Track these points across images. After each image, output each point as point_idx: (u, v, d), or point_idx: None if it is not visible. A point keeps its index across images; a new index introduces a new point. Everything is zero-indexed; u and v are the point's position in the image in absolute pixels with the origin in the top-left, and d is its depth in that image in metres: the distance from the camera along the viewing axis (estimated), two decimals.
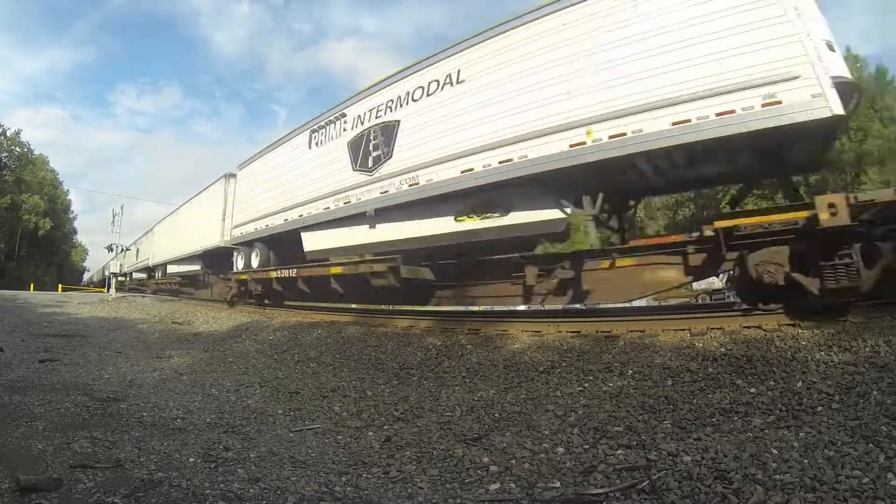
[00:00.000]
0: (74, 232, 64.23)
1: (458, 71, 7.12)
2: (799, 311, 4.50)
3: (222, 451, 3.05)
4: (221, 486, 2.48)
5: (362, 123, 8.79)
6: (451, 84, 7.21)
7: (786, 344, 4.03)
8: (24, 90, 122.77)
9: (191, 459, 2.87)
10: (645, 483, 2.42)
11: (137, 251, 25.97)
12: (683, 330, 4.88)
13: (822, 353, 3.75)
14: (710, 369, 3.93)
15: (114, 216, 23.47)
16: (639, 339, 4.93)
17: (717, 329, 4.71)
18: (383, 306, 10.35)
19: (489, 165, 6.54)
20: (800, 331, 4.22)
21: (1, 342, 7.03)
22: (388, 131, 8.16)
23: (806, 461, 2.43)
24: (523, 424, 3.53)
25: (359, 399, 4.55)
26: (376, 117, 8.48)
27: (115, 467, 2.66)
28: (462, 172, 6.81)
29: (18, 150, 48.79)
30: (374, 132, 8.46)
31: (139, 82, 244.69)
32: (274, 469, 2.81)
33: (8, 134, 47.19)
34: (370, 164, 8.43)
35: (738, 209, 6.06)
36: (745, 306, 5.15)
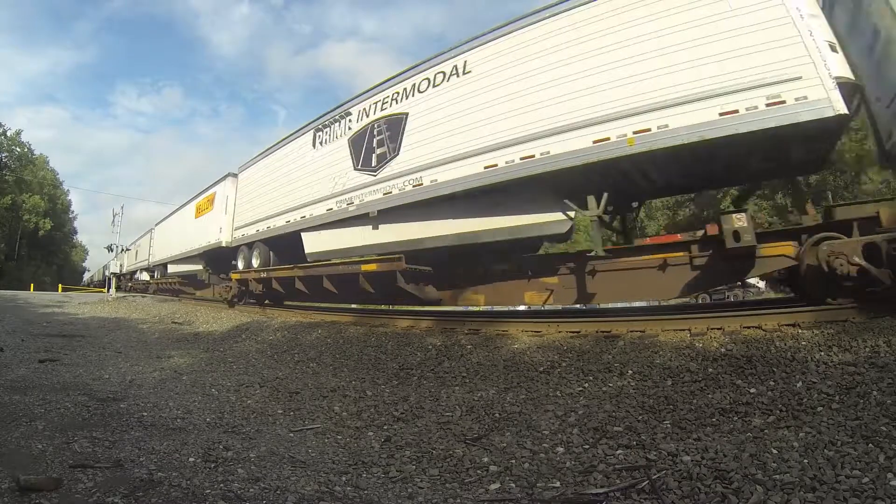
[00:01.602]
0: (74, 232, 64.48)
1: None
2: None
3: (222, 451, 3.05)
4: (221, 485, 2.48)
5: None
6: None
7: (786, 344, 4.02)
8: (24, 90, 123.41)
9: (191, 459, 2.87)
10: (645, 483, 2.42)
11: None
12: (683, 330, 4.88)
13: (822, 353, 3.75)
14: (710, 369, 3.93)
15: (114, 216, 23.54)
16: (639, 339, 4.93)
17: (717, 329, 4.71)
18: (383, 306, 10.51)
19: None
20: (800, 331, 4.22)
21: (1, 342, 7.03)
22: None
23: (806, 461, 2.43)
24: (523, 424, 3.52)
25: (359, 399, 4.55)
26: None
27: (115, 467, 2.65)
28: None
29: (19, 150, 48.88)
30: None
31: (139, 83, 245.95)
32: (274, 469, 2.81)
33: (8, 134, 47.29)
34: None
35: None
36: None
